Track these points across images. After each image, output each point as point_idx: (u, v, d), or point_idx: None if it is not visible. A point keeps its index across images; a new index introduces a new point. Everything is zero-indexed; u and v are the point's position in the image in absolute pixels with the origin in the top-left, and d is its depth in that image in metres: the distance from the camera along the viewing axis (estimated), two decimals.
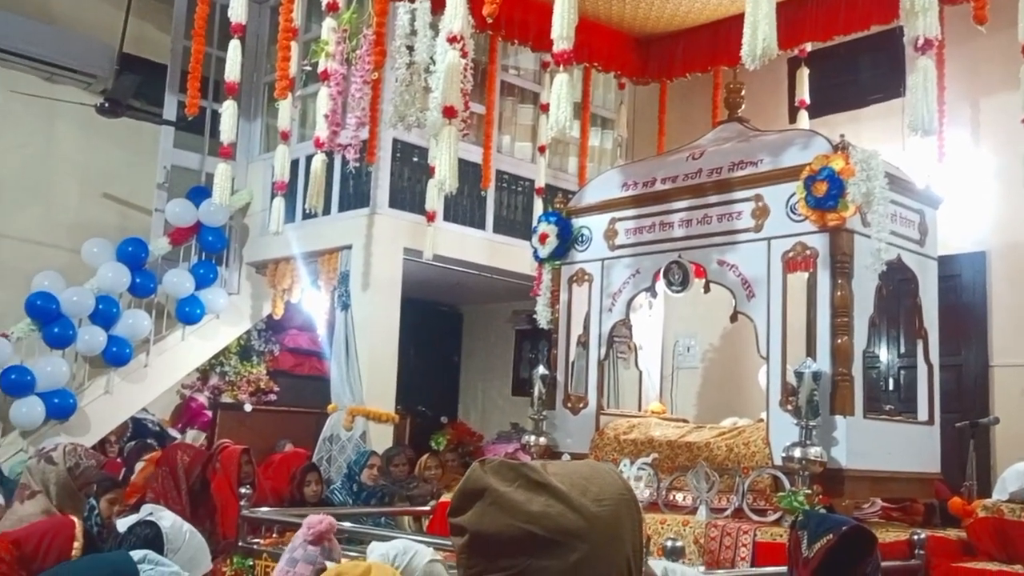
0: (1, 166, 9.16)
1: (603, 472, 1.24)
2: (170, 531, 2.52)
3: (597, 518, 1.15)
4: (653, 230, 5.57)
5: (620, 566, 1.16)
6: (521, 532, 1.14)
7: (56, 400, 7.90)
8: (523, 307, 9.32)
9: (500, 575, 1.15)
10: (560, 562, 1.12)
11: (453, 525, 1.21)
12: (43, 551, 2.61)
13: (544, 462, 1.24)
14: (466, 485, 1.21)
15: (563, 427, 5.82)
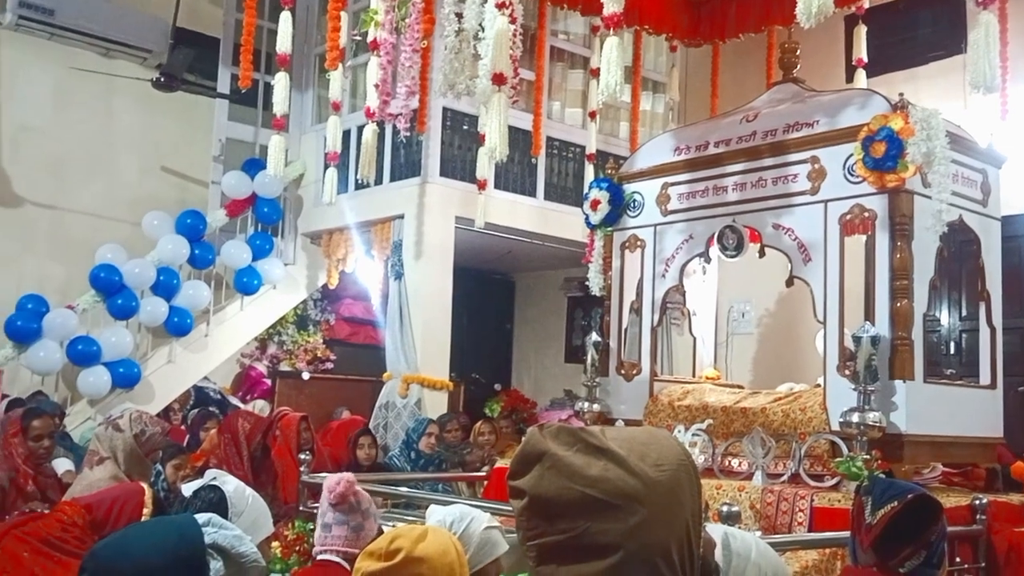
0: (64, 142, 9.38)
1: (662, 438, 1.24)
2: (233, 495, 2.57)
3: (656, 483, 1.16)
4: (706, 194, 5.50)
5: (679, 530, 1.17)
6: (580, 495, 1.15)
7: (121, 369, 8.13)
8: (575, 274, 9.32)
9: (559, 537, 1.16)
10: (619, 525, 1.13)
11: (512, 488, 1.22)
12: (114, 516, 2.70)
13: (602, 428, 1.25)
14: (525, 449, 1.22)
15: (616, 394, 5.82)
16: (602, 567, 1.13)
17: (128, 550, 1.68)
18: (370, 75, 7.33)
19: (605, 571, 1.13)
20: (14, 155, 9.17)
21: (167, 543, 1.69)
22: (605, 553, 1.13)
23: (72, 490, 4.07)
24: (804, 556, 3.88)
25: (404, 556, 1.97)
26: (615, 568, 1.13)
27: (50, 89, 9.36)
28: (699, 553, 1.21)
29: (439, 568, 2.00)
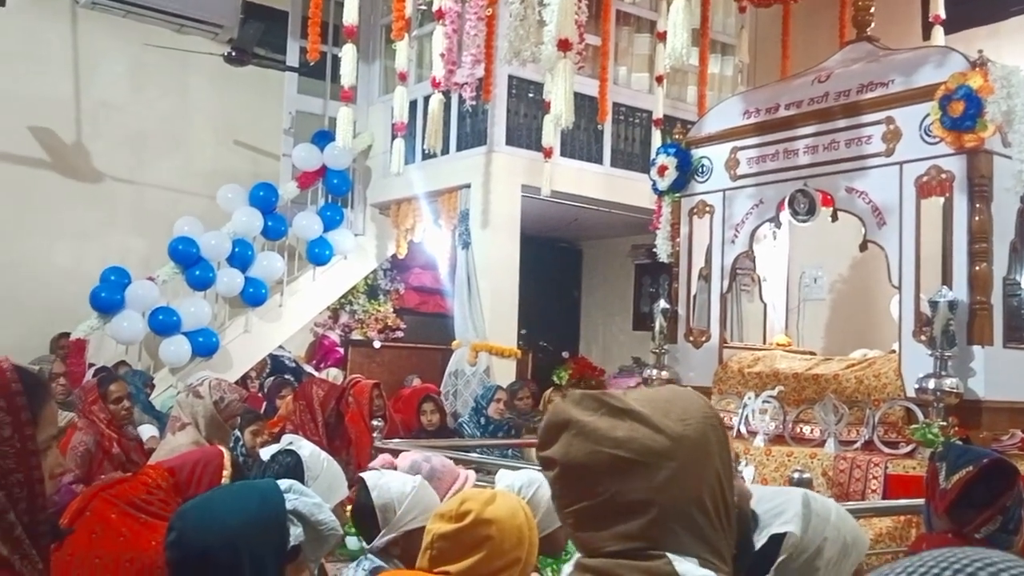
0: (142, 119, 9.64)
1: (684, 395, 1.25)
2: (309, 459, 2.64)
3: (683, 437, 1.17)
4: (777, 158, 5.42)
5: (710, 480, 1.18)
6: (609, 457, 1.16)
7: (200, 339, 8.37)
8: (643, 241, 9.25)
9: (593, 501, 1.18)
10: (650, 482, 1.15)
11: (543, 459, 1.24)
12: (196, 479, 2.80)
13: (624, 390, 1.26)
14: (550, 419, 1.24)
15: (685, 361, 5.80)
16: (639, 524, 1.15)
17: (213, 511, 1.75)
18: (435, 44, 7.35)
19: (643, 527, 1.15)
20: (94, 131, 9.46)
21: (250, 506, 1.76)
22: (640, 510, 1.15)
23: (156, 454, 4.23)
24: (878, 523, 3.85)
25: (473, 518, 2.01)
26: (652, 523, 1.15)
27: (126, 66, 9.61)
28: (734, 502, 1.22)
29: (508, 530, 2.03)
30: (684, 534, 1.15)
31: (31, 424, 1.38)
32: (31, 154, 9.10)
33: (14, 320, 8.39)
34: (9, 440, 1.35)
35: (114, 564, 2.53)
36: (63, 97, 9.27)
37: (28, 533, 1.37)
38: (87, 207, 9.28)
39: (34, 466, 1.38)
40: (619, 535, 1.16)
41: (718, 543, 1.18)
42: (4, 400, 1.36)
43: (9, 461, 1.35)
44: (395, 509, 2.46)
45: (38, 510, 1.38)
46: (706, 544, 1.16)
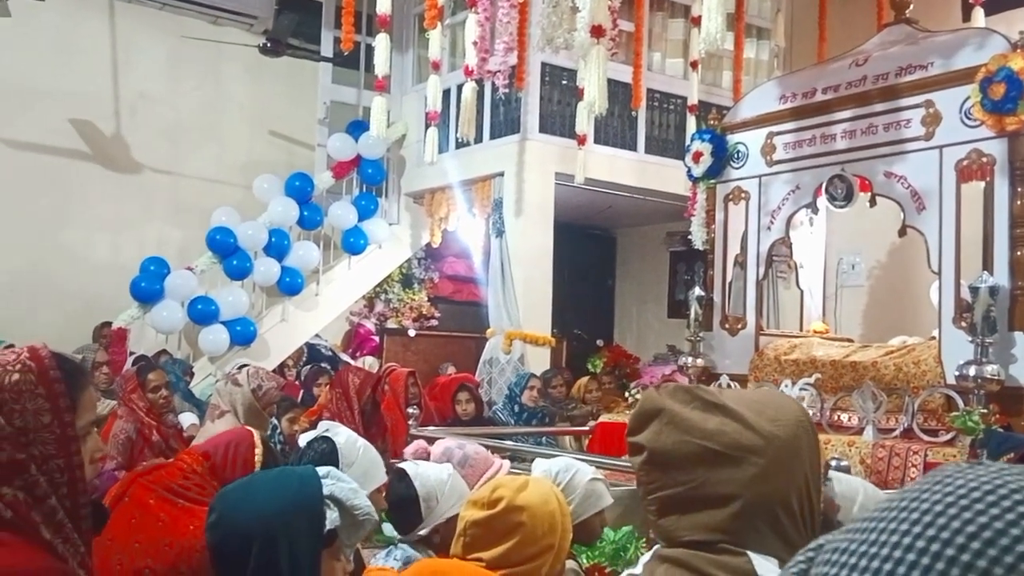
0: (179, 110, 9.75)
1: (778, 397, 1.26)
2: (344, 446, 2.66)
3: (774, 436, 1.17)
4: (814, 143, 5.35)
5: (798, 483, 1.18)
6: (698, 448, 1.17)
7: (238, 328, 8.47)
8: (677, 228, 9.19)
9: (678, 489, 1.19)
10: (737, 475, 1.15)
11: (631, 444, 1.26)
12: (230, 460, 2.84)
13: (719, 387, 1.26)
14: (642, 406, 1.25)
15: (721, 348, 5.76)
16: (723, 515, 1.16)
17: (253, 495, 1.78)
18: (468, 33, 7.36)
19: (726, 519, 1.15)
20: (132, 123, 9.58)
21: (288, 491, 1.79)
22: (725, 502, 1.16)
23: (196, 442, 4.30)
24: None
25: (505, 504, 2.02)
26: (735, 516, 1.15)
27: (163, 58, 9.72)
28: (819, 507, 1.22)
29: (540, 516, 2.03)
30: (767, 532, 1.15)
31: (70, 410, 1.41)
32: (72, 146, 9.25)
33: (57, 309, 8.56)
34: (49, 426, 1.37)
35: (153, 548, 2.57)
36: (102, 90, 9.41)
37: (70, 517, 1.40)
38: (126, 198, 9.41)
39: (74, 452, 1.40)
40: (700, 525, 1.17)
41: (799, 546, 1.15)
42: (43, 387, 1.38)
43: (49, 447, 1.37)
44: (437, 498, 2.48)
45: (79, 495, 1.41)
46: (788, 545, 1.16)
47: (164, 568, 2.54)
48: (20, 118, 8.88)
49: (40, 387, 1.38)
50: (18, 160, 8.90)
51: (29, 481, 1.35)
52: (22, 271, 8.67)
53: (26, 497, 1.35)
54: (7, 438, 1.34)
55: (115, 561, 2.53)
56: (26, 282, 8.64)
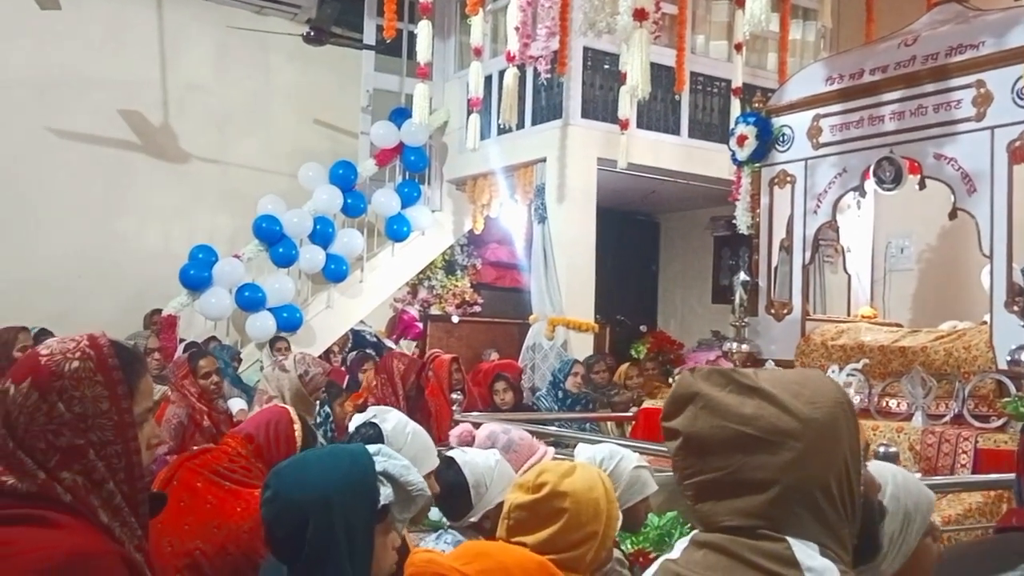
0: (226, 100, 9.88)
1: (816, 378, 1.23)
2: (391, 432, 2.67)
3: (811, 419, 1.15)
4: (861, 125, 5.27)
5: (837, 466, 1.16)
6: (734, 433, 1.16)
7: (285, 314, 8.59)
8: (722, 213, 9.12)
9: (715, 474, 1.18)
10: (774, 460, 1.14)
11: (666, 429, 1.25)
12: (272, 438, 2.89)
13: (754, 369, 1.25)
14: (677, 391, 1.24)
15: (766, 334, 5.72)
16: (760, 501, 1.14)
17: (307, 470, 1.82)
18: (510, 18, 7.34)
19: (764, 504, 1.14)
20: (180, 113, 9.73)
21: (341, 466, 1.82)
22: (762, 488, 1.14)
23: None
24: (967, 499, 3.75)
25: (550, 490, 2.02)
26: (773, 501, 1.14)
27: (210, 48, 9.85)
28: (860, 491, 1.20)
29: (584, 503, 2.03)
30: (806, 517, 1.14)
31: (128, 397, 1.44)
32: (122, 136, 9.43)
33: (109, 297, 8.75)
34: (107, 413, 1.41)
35: (202, 530, 2.62)
36: (150, 80, 9.56)
37: (127, 502, 1.43)
38: (175, 187, 9.57)
39: (131, 437, 1.44)
40: (737, 511, 1.16)
41: (840, 530, 1.16)
42: (102, 375, 1.42)
43: (107, 433, 1.41)
44: (486, 484, 2.49)
45: (136, 479, 1.44)
46: (828, 530, 1.15)
47: (213, 550, 2.59)
48: (72, 109, 9.06)
49: (99, 374, 1.42)
50: (70, 150, 9.09)
51: (88, 466, 1.39)
52: (75, 260, 8.87)
53: (85, 482, 1.39)
54: (67, 424, 1.38)
55: (166, 543, 2.59)
56: (78, 270, 8.84)
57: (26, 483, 1.35)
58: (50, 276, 8.65)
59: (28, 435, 1.37)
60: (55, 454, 1.37)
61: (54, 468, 1.37)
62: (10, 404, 1.38)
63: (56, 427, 1.37)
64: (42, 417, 1.37)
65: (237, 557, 2.57)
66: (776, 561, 1.12)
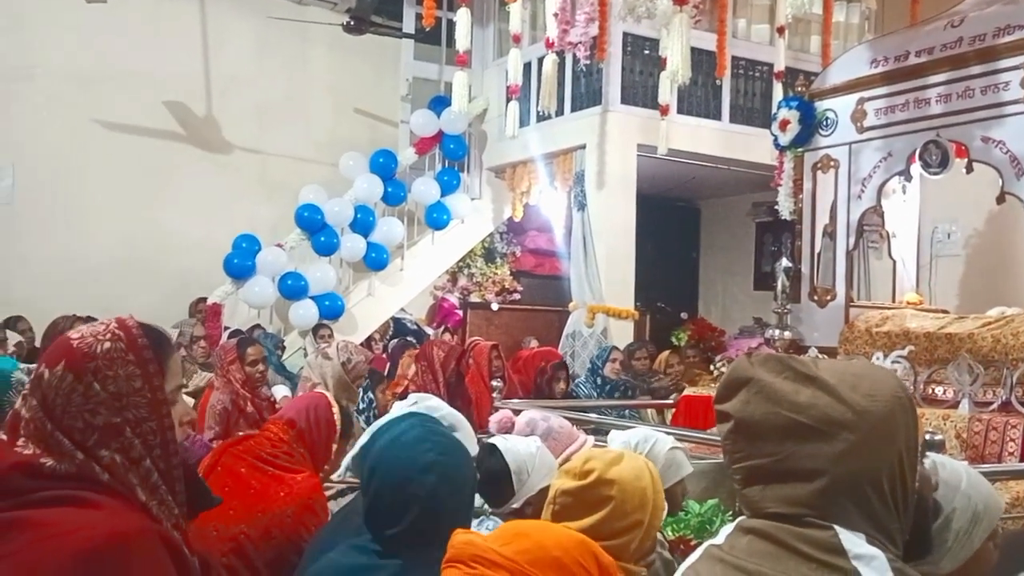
0: (268, 91, 9.97)
1: (877, 371, 1.22)
2: None
3: (867, 412, 1.14)
4: (907, 108, 5.19)
5: (890, 462, 1.15)
6: (786, 420, 1.16)
7: (327, 302, 8.67)
8: (764, 198, 9.03)
9: (764, 460, 1.17)
10: (826, 450, 1.13)
11: (718, 412, 1.25)
12: (312, 423, 2.93)
13: (815, 358, 1.24)
14: (732, 375, 1.24)
15: (809, 320, 5.66)
16: (809, 490, 1.14)
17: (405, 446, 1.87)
18: (549, 4, 7.31)
19: (812, 494, 1.14)
20: (223, 104, 9.84)
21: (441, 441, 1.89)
22: (811, 477, 1.14)
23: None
24: (1015, 487, 3.69)
25: (596, 477, 2.02)
26: (822, 492, 1.13)
27: (251, 40, 9.94)
28: (914, 487, 1.19)
29: (630, 492, 2.01)
30: (853, 510, 1.13)
31: (159, 375, 1.47)
32: (166, 128, 9.57)
33: (155, 286, 8.89)
34: (140, 391, 1.44)
35: (246, 515, 2.66)
36: (193, 72, 9.68)
37: (163, 479, 1.46)
38: (218, 177, 9.69)
39: (165, 414, 1.46)
40: (785, 498, 1.15)
41: (889, 525, 1.15)
42: (133, 354, 1.45)
43: (142, 411, 1.44)
44: (528, 471, 2.50)
45: (171, 456, 1.47)
46: (875, 524, 1.14)
47: (257, 534, 2.64)
48: (117, 101, 9.21)
49: (130, 354, 1.45)
50: (116, 142, 9.24)
51: (125, 444, 1.42)
52: (121, 249, 9.03)
53: (123, 459, 1.41)
54: (103, 403, 1.41)
55: (211, 528, 2.63)
56: (125, 260, 9.00)
57: (65, 464, 1.37)
58: (98, 266, 8.83)
59: (66, 416, 1.39)
60: (93, 433, 1.39)
61: (92, 447, 1.39)
62: (46, 387, 1.41)
63: (93, 406, 1.40)
64: (78, 398, 1.40)
65: (281, 541, 2.61)
66: (822, 549, 1.11)
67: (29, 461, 1.37)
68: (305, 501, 2.71)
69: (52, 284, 8.39)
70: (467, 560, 1.45)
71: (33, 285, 8.38)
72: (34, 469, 1.37)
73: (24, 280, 8.51)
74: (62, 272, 8.66)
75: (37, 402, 1.41)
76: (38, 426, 1.40)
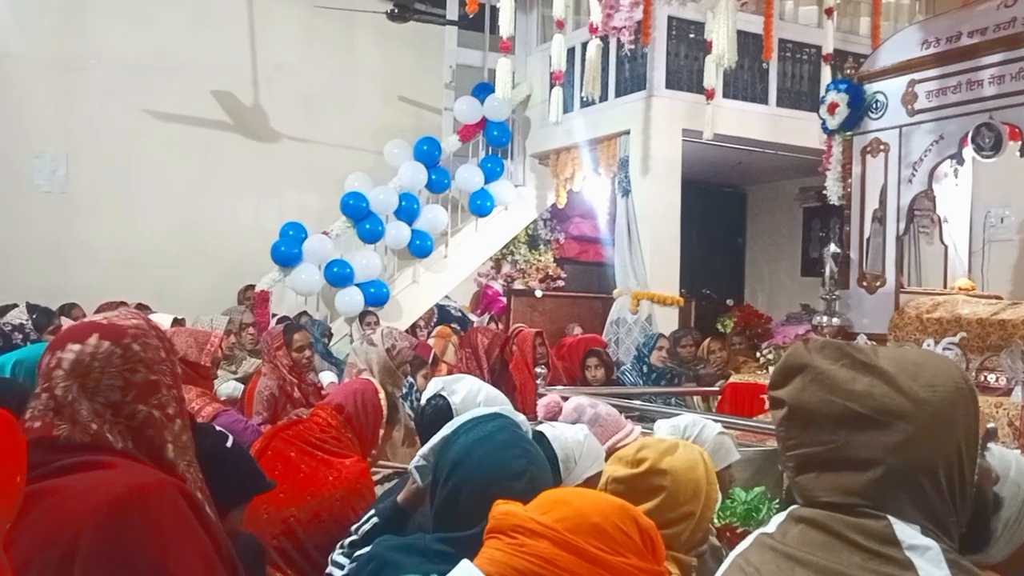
0: (313, 79, 10.05)
1: (938, 360, 1.19)
2: (459, 405, 2.67)
3: (925, 403, 1.12)
4: (959, 90, 5.08)
5: (948, 452, 1.13)
6: (841, 409, 1.14)
7: (372, 290, 8.74)
8: (811, 183, 8.91)
9: (818, 448, 1.16)
10: (882, 440, 1.12)
11: (771, 398, 1.23)
12: (360, 408, 2.97)
13: (874, 346, 1.23)
14: (786, 361, 1.22)
15: (858, 307, 5.58)
16: (863, 480, 1.12)
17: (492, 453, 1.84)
18: None
19: (866, 484, 1.12)
20: (269, 93, 9.95)
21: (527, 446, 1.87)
22: (866, 467, 1.12)
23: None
24: None
25: (648, 466, 2.01)
26: (877, 482, 1.12)
27: (297, 28, 10.02)
28: (972, 480, 1.17)
29: (683, 482, 2.01)
30: (908, 501, 1.12)
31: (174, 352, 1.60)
32: (214, 117, 9.69)
33: (204, 273, 9.05)
34: (165, 360, 1.54)
35: (296, 498, 2.71)
36: (241, 62, 9.79)
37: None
38: (265, 166, 9.81)
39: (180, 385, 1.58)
40: (838, 487, 1.14)
41: (945, 518, 1.13)
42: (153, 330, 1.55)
43: (167, 378, 1.53)
44: (575, 459, 2.50)
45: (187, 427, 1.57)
46: (931, 516, 1.12)
47: (307, 517, 2.68)
48: (166, 91, 9.35)
49: (151, 330, 1.55)
50: (166, 131, 9.39)
51: (163, 400, 1.50)
52: (171, 237, 9.19)
53: (161, 415, 1.49)
54: (141, 361, 1.49)
55: (263, 511, 2.68)
56: (174, 247, 9.16)
57: (78, 433, 1.42)
58: (149, 253, 9.00)
59: (104, 375, 1.45)
60: (132, 390, 1.47)
61: (132, 401, 1.46)
62: (79, 355, 1.46)
63: (132, 365, 1.48)
64: (117, 359, 1.47)
65: (330, 524, 2.65)
66: (876, 539, 1.10)
67: (41, 435, 1.41)
68: (353, 485, 2.76)
69: (104, 271, 8.58)
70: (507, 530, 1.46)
71: (86, 272, 8.57)
72: (47, 442, 1.41)
73: (77, 267, 8.71)
74: (114, 259, 8.84)
75: (64, 372, 1.45)
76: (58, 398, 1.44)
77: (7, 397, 1.76)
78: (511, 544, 1.45)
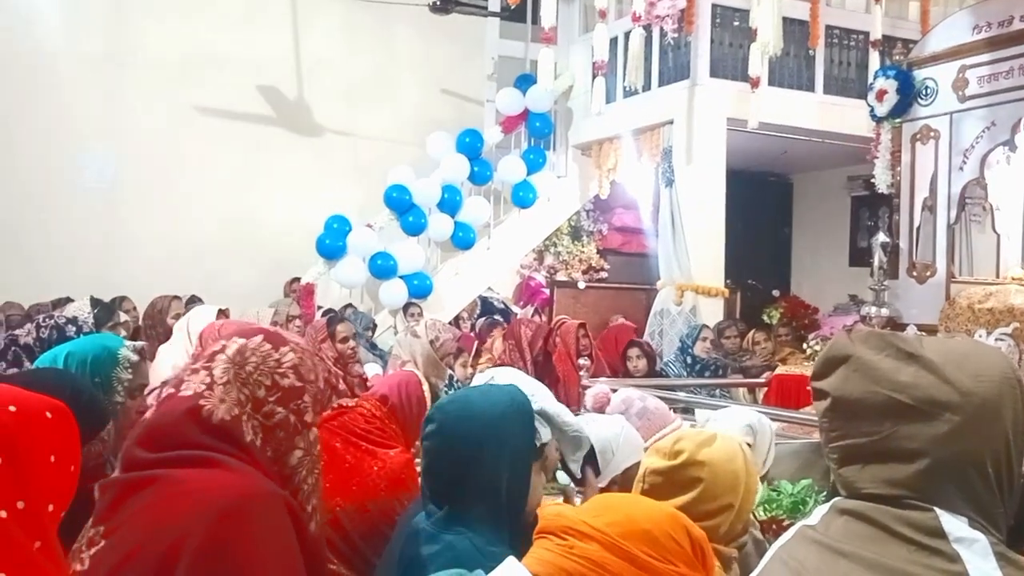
0: (355, 72, 10.12)
1: (985, 351, 1.18)
2: None
3: (972, 393, 1.11)
4: (1011, 76, 4.97)
5: (996, 445, 1.11)
6: (886, 399, 1.13)
7: (415, 282, 8.79)
8: (859, 172, 8.77)
9: (862, 440, 1.15)
10: (927, 431, 1.10)
11: (815, 389, 1.22)
12: (404, 399, 2.99)
13: (919, 335, 1.21)
14: (830, 352, 1.21)
15: (907, 297, 5.49)
16: (909, 472, 1.11)
17: (470, 404, 1.89)
18: None
19: (912, 476, 1.11)
20: (312, 87, 10.04)
21: (501, 401, 1.89)
22: (912, 458, 1.11)
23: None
24: None
25: (686, 458, 1.99)
26: (922, 474, 1.10)
27: (339, 22, 10.10)
28: (1020, 472, 1.15)
29: (721, 474, 1.98)
30: (955, 493, 1.10)
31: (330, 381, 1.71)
32: (258, 111, 9.81)
33: (250, 266, 9.17)
34: (315, 382, 1.63)
35: (342, 488, 2.73)
36: (284, 56, 9.89)
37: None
38: (309, 159, 9.91)
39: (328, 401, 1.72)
40: (883, 479, 1.13)
41: (992, 510, 1.12)
42: (316, 356, 1.67)
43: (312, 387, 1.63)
44: (613, 450, 2.50)
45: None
46: (978, 508, 1.11)
47: (352, 506, 2.71)
48: (211, 85, 9.48)
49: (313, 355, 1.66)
50: (211, 126, 9.52)
51: (301, 407, 1.58)
52: (217, 231, 9.33)
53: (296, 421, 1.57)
54: (293, 368, 1.59)
55: None
56: (221, 241, 9.30)
57: (222, 410, 1.49)
58: (196, 247, 9.15)
59: (257, 371, 1.55)
60: (276, 391, 1.55)
61: (274, 402, 1.54)
62: (241, 348, 1.58)
63: (284, 370, 1.57)
64: (272, 361, 1.57)
65: (374, 514, 2.67)
66: (922, 531, 1.09)
67: (189, 404, 1.50)
68: (398, 476, 2.78)
69: (152, 265, 8.73)
70: (558, 531, 1.47)
71: (134, 266, 8.73)
72: (189, 413, 1.49)
73: (126, 261, 8.87)
74: (161, 254, 8.99)
75: (227, 357, 1.55)
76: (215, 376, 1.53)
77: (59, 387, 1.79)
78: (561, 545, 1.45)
